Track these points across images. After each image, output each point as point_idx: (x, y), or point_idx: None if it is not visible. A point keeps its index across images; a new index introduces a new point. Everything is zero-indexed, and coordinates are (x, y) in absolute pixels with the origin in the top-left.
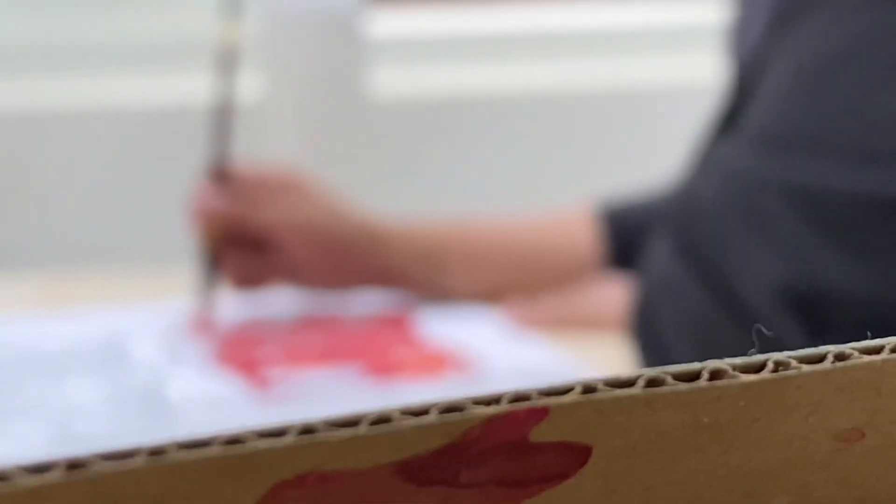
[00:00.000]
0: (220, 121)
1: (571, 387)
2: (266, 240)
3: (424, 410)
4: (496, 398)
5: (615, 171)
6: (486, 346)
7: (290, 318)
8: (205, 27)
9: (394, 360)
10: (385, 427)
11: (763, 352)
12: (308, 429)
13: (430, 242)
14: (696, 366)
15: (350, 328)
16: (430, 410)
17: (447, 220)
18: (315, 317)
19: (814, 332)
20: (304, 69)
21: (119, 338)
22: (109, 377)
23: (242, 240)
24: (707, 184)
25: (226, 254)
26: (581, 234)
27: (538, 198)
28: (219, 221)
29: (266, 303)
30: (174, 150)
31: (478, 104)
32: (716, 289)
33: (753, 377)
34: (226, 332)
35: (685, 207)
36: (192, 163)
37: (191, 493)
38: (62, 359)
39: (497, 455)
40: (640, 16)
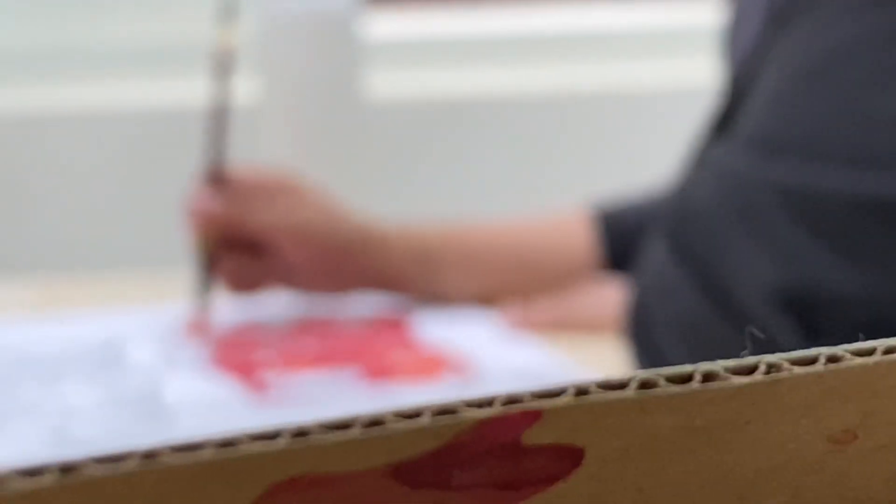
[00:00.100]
0: (217, 124)
1: (564, 389)
2: (262, 243)
3: (417, 413)
4: (489, 401)
5: (611, 174)
6: (483, 349)
7: (287, 322)
8: (201, 31)
9: (390, 363)
10: (378, 430)
11: (757, 354)
12: (301, 431)
13: (427, 245)
14: (689, 368)
15: (346, 331)
16: (423, 413)
17: (443, 223)
18: (311, 320)
19: (809, 335)
20: (301, 72)
21: (116, 341)
22: (106, 380)
23: (238, 243)
24: (702, 185)
25: (222, 257)
26: (576, 237)
27: (534, 200)
28: (215, 224)
29: (262, 306)
30: (171, 153)
31: (474, 107)
32: (711, 291)
33: (746, 379)
34: (222, 336)
35: (680, 209)
36: (189, 166)
37: (184, 497)
38: (59, 362)
39: (490, 458)
40: (636, 18)
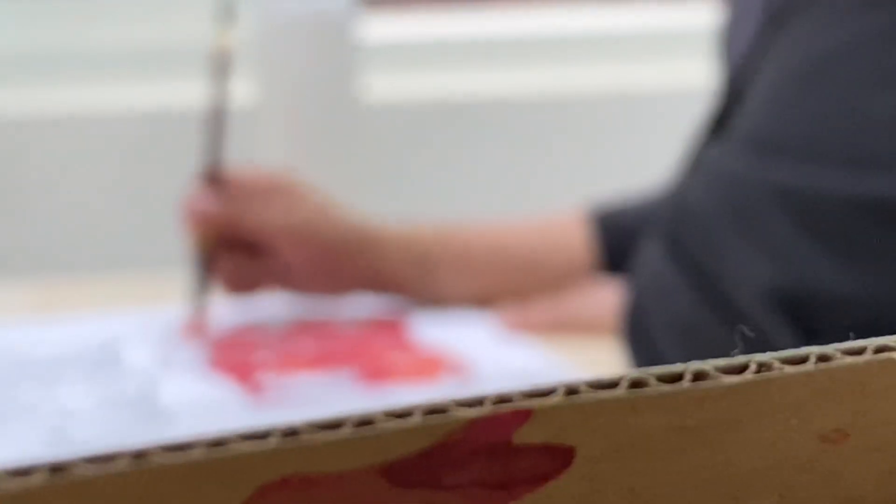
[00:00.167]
0: (214, 125)
1: (554, 389)
2: (259, 244)
3: (408, 413)
4: (479, 400)
5: (608, 175)
6: (479, 350)
7: (284, 323)
8: (198, 32)
9: (387, 365)
10: (368, 429)
11: (751, 353)
12: (292, 431)
13: (423, 246)
14: (679, 367)
15: (343, 332)
16: (414, 413)
17: (440, 224)
18: (308, 321)
19: (804, 335)
20: (297, 73)
21: (113, 343)
22: (103, 382)
23: (235, 244)
24: (698, 186)
25: (219, 258)
26: (573, 238)
27: (532, 202)
28: (211, 225)
29: (260, 307)
30: (167, 155)
31: (470, 108)
32: (707, 291)
33: (736, 379)
34: (219, 337)
35: (676, 210)
36: (186, 167)
37: (174, 497)
38: (56, 364)
39: (480, 457)
40: (632, 20)
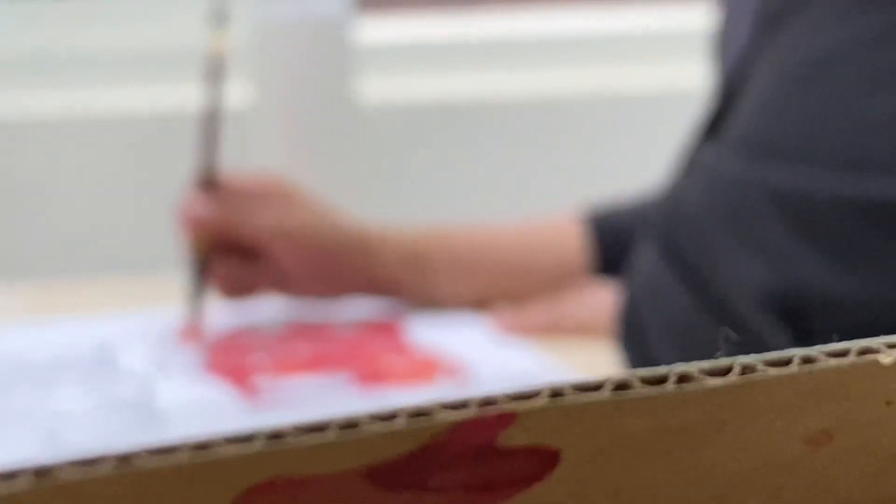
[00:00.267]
0: (209, 128)
1: (539, 391)
2: (255, 248)
3: (392, 415)
4: (464, 403)
5: (604, 177)
6: (475, 353)
7: (280, 326)
8: (193, 35)
9: (383, 368)
10: (353, 432)
11: (740, 355)
12: (276, 434)
13: (419, 249)
14: (664, 369)
15: (339, 335)
16: (399, 415)
17: (435, 227)
18: (304, 324)
19: (799, 337)
20: (293, 76)
21: (109, 346)
22: (99, 386)
23: (231, 248)
24: (692, 188)
25: (214, 262)
26: (568, 240)
27: (528, 204)
28: (207, 229)
29: (255, 310)
30: (163, 158)
31: (466, 111)
32: (701, 293)
33: (720, 381)
34: (215, 341)
35: (671, 212)
36: (182, 170)
37: (160, 500)
38: (51, 368)
39: (466, 460)
40: (626, 22)
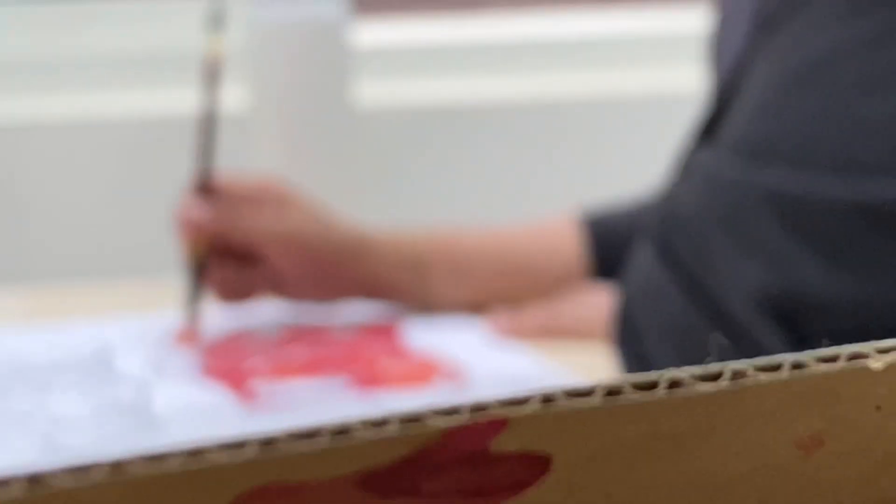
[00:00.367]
0: (206, 132)
1: (530, 397)
2: (252, 251)
3: (384, 421)
4: (456, 409)
5: (600, 180)
6: (472, 356)
7: (277, 330)
8: (190, 39)
9: (380, 371)
10: (345, 438)
11: (742, 359)
12: (269, 440)
13: (416, 252)
14: (654, 375)
15: (336, 339)
16: (390, 421)
17: (432, 230)
18: (301, 328)
19: (795, 341)
20: (289, 80)
21: (106, 350)
22: (96, 390)
23: (228, 252)
24: (689, 191)
25: (211, 266)
26: (565, 243)
27: (525, 207)
28: (204, 233)
29: (252, 314)
30: (160, 163)
31: (463, 114)
32: (697, 296)
33: (711, 386)
34: (212, 344)
35: (667, 215)
36: (178, 174)
37: None
38: (49, 372)
39: (458, 466)
40: (623, 25)
